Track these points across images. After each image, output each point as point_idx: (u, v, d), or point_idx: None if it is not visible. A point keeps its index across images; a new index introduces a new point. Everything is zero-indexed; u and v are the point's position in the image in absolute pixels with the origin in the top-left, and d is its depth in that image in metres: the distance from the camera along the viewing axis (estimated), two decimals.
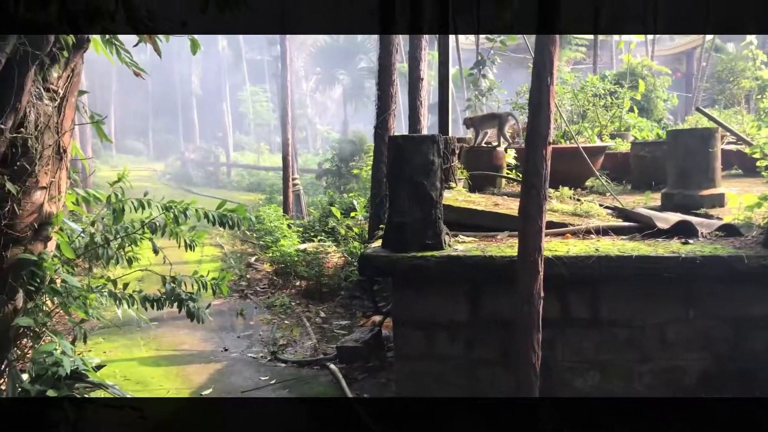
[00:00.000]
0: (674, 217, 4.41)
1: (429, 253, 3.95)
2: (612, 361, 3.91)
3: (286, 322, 7.04)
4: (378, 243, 4.35)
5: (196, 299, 3.84)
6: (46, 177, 3.31)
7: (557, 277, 3.67)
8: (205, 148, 28.65)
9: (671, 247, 3.86)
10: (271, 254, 9.22)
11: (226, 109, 33.10)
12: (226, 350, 6.09)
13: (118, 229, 3.85)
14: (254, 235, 11.40)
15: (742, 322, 3.83)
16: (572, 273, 3.73)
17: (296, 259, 8.45)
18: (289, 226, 10.20)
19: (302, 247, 8.97)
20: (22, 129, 3.13)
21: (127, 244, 3.90)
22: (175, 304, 3.81)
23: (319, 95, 37.98)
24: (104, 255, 3.75)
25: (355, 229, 8.49)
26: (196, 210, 3.77)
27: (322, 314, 7.26)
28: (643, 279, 3.73)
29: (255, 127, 35.41)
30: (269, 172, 25.23)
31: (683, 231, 4.19)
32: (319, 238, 9.69)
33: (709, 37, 21.71)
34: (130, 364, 5.69)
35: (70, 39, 3.17)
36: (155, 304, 3.79)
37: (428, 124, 13.13)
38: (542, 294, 3.36)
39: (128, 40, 3.86)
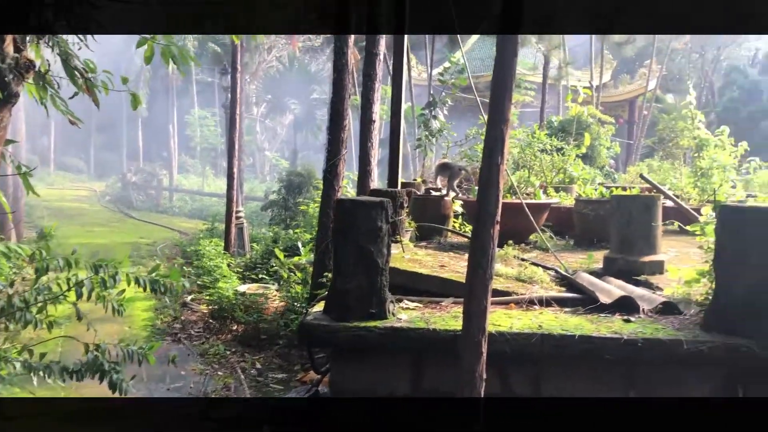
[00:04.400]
0: (616, 291, 4.42)
1: (372, 323, 3.81)
2: None
3: (219, 372, 6.74)
4: (320, 306, 4.19)
5: (119, 370, 3.59)
6: None
7: (499, 354, 3.60)
8: (148, 170, 27.92)
9: (613, 326, 3.84)
10: (208, 296, 8.88)
11: (172, 131, 32.43)
12: None
13: (40, 289, 3.59)
14: (191, 271, 10.99)
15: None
16: (515, 350, 3.67)
17: (234, 302, 8.17)
18: (229, 265, 9.90)
19: (242, 289, 8.69)
20: None
21: (48, 304, 3.64)
22: (97, 375, 3.56)
23: (269, 121, 37.69)
24: (22, 319, 3.48)
25: (299, 274, 8.28)
26: (127, 275, 3.54)
27: (258, 365, 6.98)
28: (586, 359, 3.69)
29: (201, 150, 34.76)
30: (213, 198, 24.81)
31: (625, 306, 4.19)
32: (260, 277, 9.42)
33: (651, 86, 22.80)
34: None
35: None
36: (75, 375, 3.53)
37: (379, 157, 13.10)
38: (485, 376, 3.28)
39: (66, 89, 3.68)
